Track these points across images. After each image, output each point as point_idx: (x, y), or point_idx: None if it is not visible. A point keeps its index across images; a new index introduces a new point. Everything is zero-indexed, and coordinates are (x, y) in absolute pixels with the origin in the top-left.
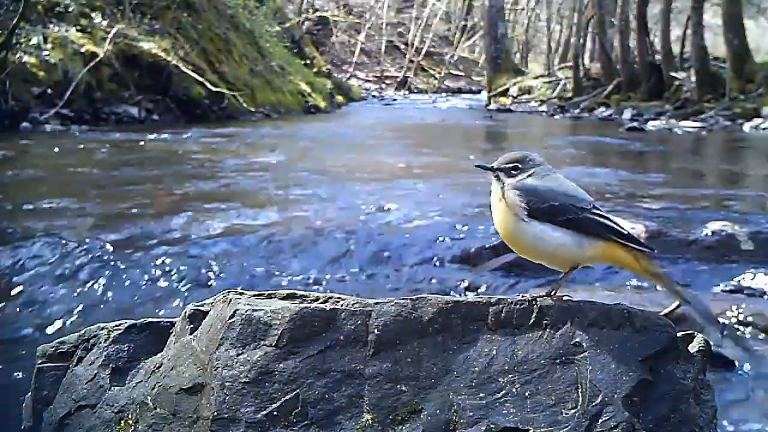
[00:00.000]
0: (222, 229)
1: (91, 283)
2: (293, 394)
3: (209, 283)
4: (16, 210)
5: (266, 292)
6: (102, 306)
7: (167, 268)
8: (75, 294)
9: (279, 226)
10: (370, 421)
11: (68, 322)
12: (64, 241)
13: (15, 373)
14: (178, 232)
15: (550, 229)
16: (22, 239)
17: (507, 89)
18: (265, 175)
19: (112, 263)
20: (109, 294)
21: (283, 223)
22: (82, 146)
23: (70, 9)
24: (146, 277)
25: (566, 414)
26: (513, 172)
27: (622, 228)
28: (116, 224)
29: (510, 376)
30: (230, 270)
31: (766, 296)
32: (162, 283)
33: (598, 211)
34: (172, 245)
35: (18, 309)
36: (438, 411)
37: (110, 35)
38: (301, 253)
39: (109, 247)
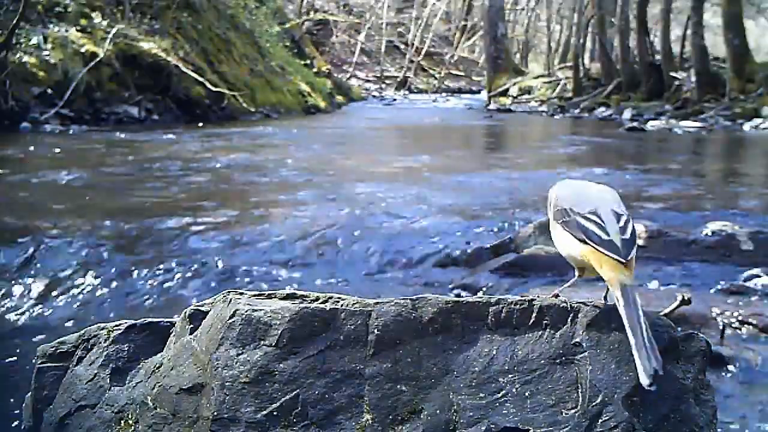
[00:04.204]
0: (222, 229)
1: (91, 283)
2: (293, 394)
3: (209, 283)
4: (16, 210)
5: (266, 292)
6: (102, 306)
7: (167, 268)
8: (75, 294)
9: (279, 226)
10: (370, 421)
11: (68, 322)
12: (63, 241)
13: (15, 373)
14: (177, 231)
15: (559, 231)
16: (21, 239)
17: (507, 89)
18: (264, 175)
19: (112, 263)
20: (109, 294)
21: (283, 223)
22: (82, 146)
23: (70, 9)
24: (146, 276)
25: (566, 414)
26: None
27: (605, 234)
28: (116, 224)
29: (510, 376)
30: (230, 270)
31: (766, 296)
32: (162, 283)
33: (588, 215)
34: (172, 245)
35: (18, 309)
36: (438, 411)
37: (110, 35)
38: (301, 253)
39: (108, 246)
